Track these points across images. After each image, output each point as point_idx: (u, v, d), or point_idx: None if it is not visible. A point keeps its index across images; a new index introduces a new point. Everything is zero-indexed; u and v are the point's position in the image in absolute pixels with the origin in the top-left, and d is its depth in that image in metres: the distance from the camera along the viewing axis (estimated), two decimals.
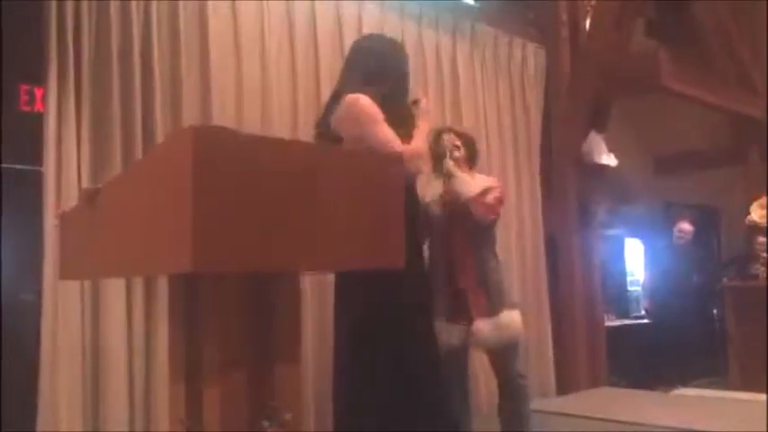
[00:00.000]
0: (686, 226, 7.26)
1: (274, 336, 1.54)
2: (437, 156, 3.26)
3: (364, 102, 2.51)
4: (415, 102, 2.82)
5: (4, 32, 3.07)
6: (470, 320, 3.09)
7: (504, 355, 3.19)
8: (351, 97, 2.53)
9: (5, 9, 3.12)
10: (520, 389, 3.22)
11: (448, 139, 3.28)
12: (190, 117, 3.32)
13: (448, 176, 3.20)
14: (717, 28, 6.71)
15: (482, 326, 3.07)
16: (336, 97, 2.65)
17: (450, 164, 3.20)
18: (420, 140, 2.68)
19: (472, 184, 3.19)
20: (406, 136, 2.60)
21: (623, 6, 5.41)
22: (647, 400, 4.76)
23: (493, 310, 3.11)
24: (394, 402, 2.45)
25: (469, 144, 3.39)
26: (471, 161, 3.37)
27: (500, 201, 3.26)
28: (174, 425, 1.58)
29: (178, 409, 1.57)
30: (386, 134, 2.48)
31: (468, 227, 3.17)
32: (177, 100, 3.31)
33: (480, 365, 4.01)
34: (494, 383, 3.39)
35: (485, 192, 3.18)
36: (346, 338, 2.62)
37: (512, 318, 3.15)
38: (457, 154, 3.27)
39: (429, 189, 3.35)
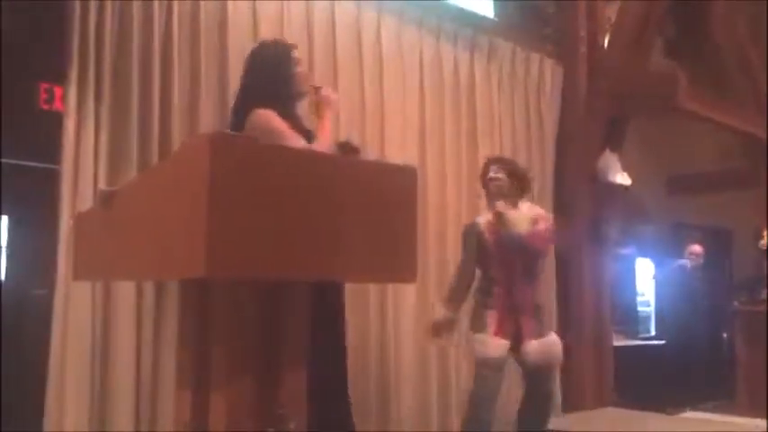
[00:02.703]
0: (697, 248, 7.24)
1: (282, 343, 1.54)
2: (485, 186, 3.58)
3: (269, 116, 2.50)
4: (317, 89, 2.77)
5: (26, 31, 3.11)
6: (520, 339, 3.40)
7: (544, 373, 3.49)
8: (256, 113, 2.51)
9: (28, 8, 3.16)
10: (549, 403, 3.58)
11: (494, 170, 3.56)
12: (207, 120, 3.34)
13: (496, 215, 3.43)
14: (735, 50, 6.69)
15: (534, 345, 3.40)
16: (237, 114, 2.63)
17: (500, 204, 3.45)
18: (327, 136, 2.65)
19: (520, 221, 3.46)
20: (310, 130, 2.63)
21: (642, 25, 5.40)
22: (652, 422, 4.72)
23: (541, 332, 3.46)
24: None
25: (516, 174, 3.61)
26: (520, 191, 3.58)
27: (551, 231, 3.61)
28: (179, 427, 1.59)
29: (183, 413, 1.57)
30: (297, 144, 2.43)
31: (521, 256, 3.46)
32: (195, 104, 3.33)
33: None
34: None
35: (534, 222, 3.48)
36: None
37: (555, 341, 3.53)
38: (497, 185, 3.52)
39: (482, 216, 3.60)
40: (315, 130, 2.66)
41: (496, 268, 3.47)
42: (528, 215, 3.51)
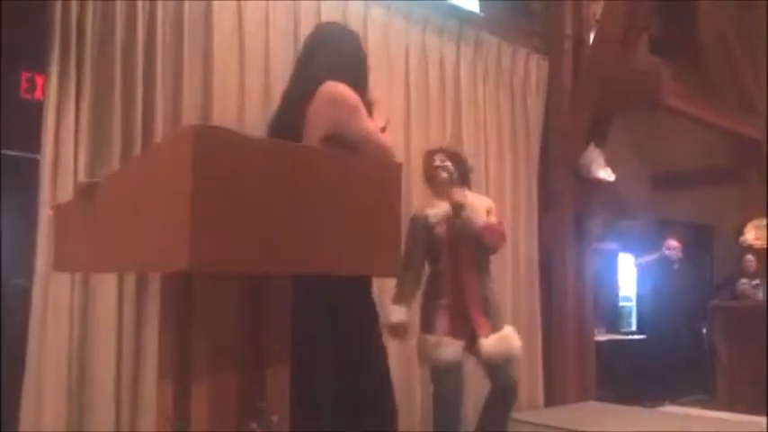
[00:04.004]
0: (674, 242, 7.30)
1: (265, 337, 1.54)
2: (430, 176, 3.45)
3: (346, 90, 2.30)
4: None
5: (8, 19, 3.07)
6: (473, 337, 3.31)
7: (503, 367, 3.37)
8: (331, 85, 2.30)
9: None
10: (512, 389, 3.42)
11: (439, 159, 3.45)
12: (190, 114, 3.31)
13: (458, 205, 3.31)
14: (720, 47, 6.74)
15: (488, 343, 3.30)
16: (307, 84, 2.38)
17: (459, 193, 3.34)
18: (389, 139, 2.50)
19: (478, 211, 3.35)
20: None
21: (627, 22, 5.42)
22: (633, 416, 4.76)
23: (494, 327, 3.36)
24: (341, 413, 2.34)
25: (460, 163, 3.51)
26: (464, 181, 3.50)
27: (503, 225, 3.54)
28: (161, 421, 1.58)
29: (165, 406, 1.56)
30: (371, 125, 2.30)
31: (473, 250, 3.36)
32: (178, 96, 3.31)
33: None
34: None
35: (488, 213, 3.41)
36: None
37: (511, 334, 3.42)
38: (444, 174, 3.41)
39: (430, 208, 3.43)
40: None
41: (446, 262, 3.34)
42: (482, 205, 3.42)
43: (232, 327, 1.48)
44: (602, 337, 6.71)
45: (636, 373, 6.60)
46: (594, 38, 5.55)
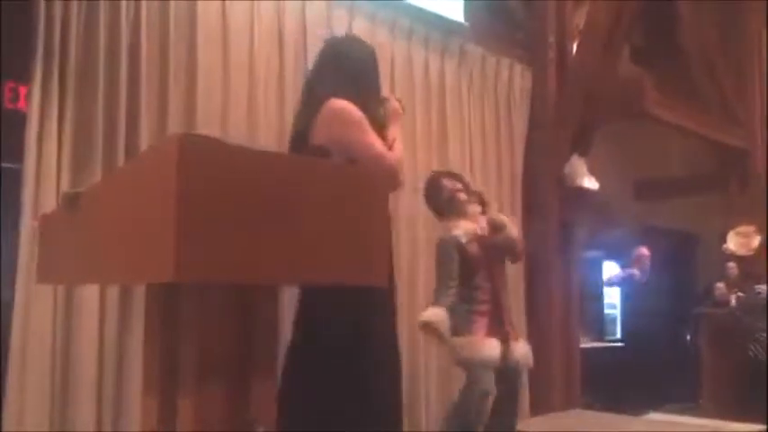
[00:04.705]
0: (643, 250, 7.35)
1: (252, 348, 1.52)
2: (448, 200, 3.65)
3: (350, 107, 2.39)
4: (385, 99, 2.70)
5: None
6: (507, 342, 3.53)
7: (517, 376, 3.64)
8: (335, 102, 2.40)
9: None
10: (515, 409, 3.67)
11: (450, 183, 3.69)
12: (174, 123, 3.30)
13: (500, 224, 3.58)
14: (702, 57, 6.80)
15: (521, 347, 3.61)
16: (313, 104, 2.49)
17: (500, 216, 3.66)
18: (401, 146, 2.57)
19: (509, 224, 3.64)
20: (383, 137, 2.52)
21: (611, 32, 5.46)
22: (618, 423, 4.77)
23: (518, 334, 3.73)
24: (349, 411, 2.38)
25: (465, 183, 3.80)
26: (479, 199, 3.75)
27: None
28: None
29: (150, 422, 1.54)
30: (375, 142, 2.38)
31: (504, 262, 3.69)
32: (163, 106, 3.29)
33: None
34: None
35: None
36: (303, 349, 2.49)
37: (527, 343, 3.73)
38: (464, 196, 3.65)
39: (455, 229, 3.58)
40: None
41: (482, 277, 3.54)
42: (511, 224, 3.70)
43: (219, 337, 1.47)
44: (587, 344, 6.73)
45: (622, 380, 6.61)
46: (578, 48, 5.59)
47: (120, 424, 3.02)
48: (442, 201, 3.68)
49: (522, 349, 3.59)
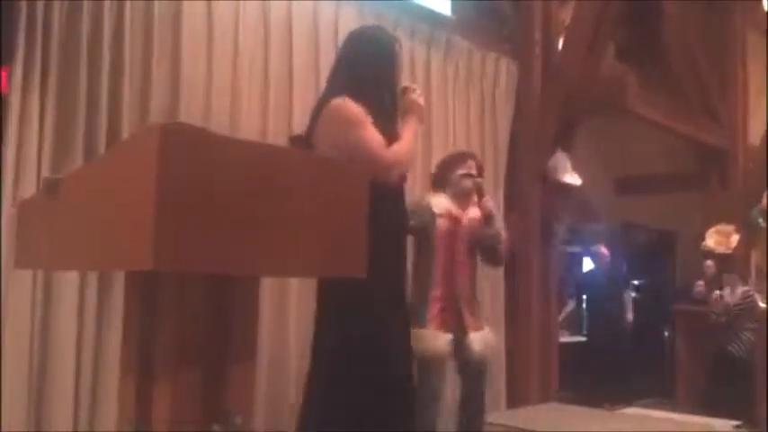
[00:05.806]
0: (603, 249, 7.43)
1: (231, 337, 1.53)
2: (453, 179, 3.45)
3: (349, 105, 2.42)
4: (404, 90, 2.66)
5: None
6: (464, 332, 3.32)
7: (478, 369, 3.40)
8: (335, 102, 2.44)
9: None
10: (481, 404, 3.45)
11: (472, 166, 3.50)
12: (157, 111, 3.28)
13: (492, 217, 3.43)
14: (685, 56, 6.86)
15: (475, 338, 3.34)
16: (320, 105, 2.54)
17: (492, 204, 3.50)
18: (408, 140, 2.54)
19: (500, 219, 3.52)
20: (395, 132, 2.52)
21: (596, 29, 5.49)
22: (594, 418, 4.82)
23: (479, 325, 3.42)
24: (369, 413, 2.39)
25: (480, 175, 3.57)
26: (479, 191, 3.53)
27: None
28: (122, 423, 1.56)
29: (128, 409, 1.54)
30: (372, 137, 2.39)
31: (472, 251, 3.45)
32: (145, 93, 3.27)
33: None
34: None
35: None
36: (327, 350, 2.51)
37: (491, 335, 3.50)
38: (470, 184, 3.46)
39: (435, 200, 3.42)
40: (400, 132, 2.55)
41: (441, 257, 3.33)
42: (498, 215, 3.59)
43: (197, 326, 1.47)
44: (565, 338, 6.78)
45: (597, 374, 6.68)
46: (562, 44, 5.61)
47: (96, 422, 3.01)
48: (445, 178, 3.50)
49: (481, 341, 3.35)
